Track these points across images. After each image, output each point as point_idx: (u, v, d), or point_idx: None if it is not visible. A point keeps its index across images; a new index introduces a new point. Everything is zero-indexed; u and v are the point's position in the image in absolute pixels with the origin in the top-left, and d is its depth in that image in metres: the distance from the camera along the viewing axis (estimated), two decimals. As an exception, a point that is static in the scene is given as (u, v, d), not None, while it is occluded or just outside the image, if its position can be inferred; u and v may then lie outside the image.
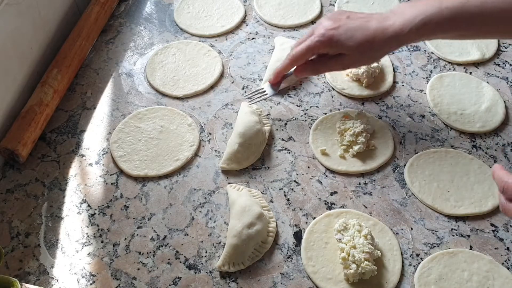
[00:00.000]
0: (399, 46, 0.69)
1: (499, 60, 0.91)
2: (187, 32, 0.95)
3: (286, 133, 0.79)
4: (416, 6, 0.65)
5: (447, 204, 0.70)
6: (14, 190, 0.71)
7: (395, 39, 0.65)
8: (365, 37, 0.65)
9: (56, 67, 0.81)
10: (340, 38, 0.66)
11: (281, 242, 0.67)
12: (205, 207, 0.70)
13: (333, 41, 0.67)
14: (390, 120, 0.81)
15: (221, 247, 0.66)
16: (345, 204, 0.70)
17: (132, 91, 0.85)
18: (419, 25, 0.63)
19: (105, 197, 0.71)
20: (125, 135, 0.77)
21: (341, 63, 0.69)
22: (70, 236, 0.67)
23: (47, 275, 0.63)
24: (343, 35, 0.66)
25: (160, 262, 0.64)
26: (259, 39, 0.94)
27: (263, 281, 0.63)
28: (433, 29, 0.64)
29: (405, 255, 0.65)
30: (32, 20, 0.80)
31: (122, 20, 0.97)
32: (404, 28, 0.64)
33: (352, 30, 0.66)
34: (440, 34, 0.66)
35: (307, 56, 0.71)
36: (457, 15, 0.62)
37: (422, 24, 0.63)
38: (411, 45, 0.93)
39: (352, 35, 0.66)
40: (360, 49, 0.66)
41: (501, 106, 0.82)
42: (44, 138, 0.77)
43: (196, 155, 0.76)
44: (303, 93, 0.85)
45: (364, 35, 0.65)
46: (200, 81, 0.85)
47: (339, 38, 0.66)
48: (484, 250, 0.66)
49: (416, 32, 0.64)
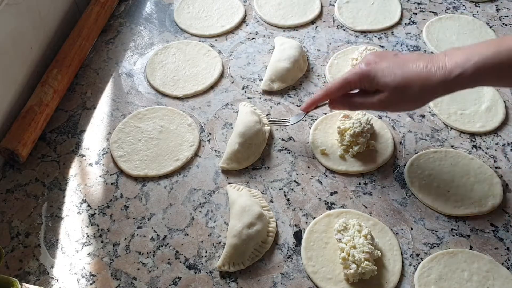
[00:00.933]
0: (447, 93, 0.59)
1: (499, 60, 0.91)
2: (187, 32, 0.95)
3: (286, 133, 0.79)
4: (471, 48, 0.57)
5: (447, 204, 0.70)
6: (14, 190, 0.71)
7: (442, 84, 0.57)
8: (405, 78, 0.58)
9: (56, 67, 0.81)
10: (377, 73, 0.60)
11: (281, 242, 0.67)
12: (205, 207, 0.70)
13: (370, 76, 0.61)
14: (390, 120, 0.81)
15: (221, 247, 0.66)
16: (345, 204, 0.70)
17: (132, 91, 0.85)
18: (472, 69, 0.54)
19: (105, 197, 0.71)
20: (125, 135, 0.77)
21: (378, 102, 0.62)
22: (70, 236, 0.67)
23: (47, 275, 0.63)
24: (382, 71, 0.60)
25: (160, 262, 0.64)
26: (259, 39, 0.94)
27: (263, 281, 0.63)
28: (488, 75, 0.55)
29: (405, 255, 0.65)
30: (32, 20, 0.80)
31: (122, 20, 0.97)
32: (453, 72, 0.56)
33: (394, 68, 0.60)
34: (496, 80, 0.58)
35: (343, 89, 0.65)
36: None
37: (475, 69, 0.54)
38: (410, 45, 0.93)
39: (391, 73, 0.59)
40: (399, 89, 0.59)
41: (501, 106, 0.82)
42: (44, 138, 0.77)
43: (196, 155, 0.76)
44: (303, 93, 0.85)
45: (404, 75, 0.58)
46: (200, 81, 0.85)
47: (377, 73, 0.60)
48: (484, 250, 0.66)
49: (468, 77, 0.55)
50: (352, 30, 0.96)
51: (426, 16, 0.99)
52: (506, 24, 0.97)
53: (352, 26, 0.96)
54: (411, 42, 0.94)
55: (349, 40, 0.94)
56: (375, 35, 0.95)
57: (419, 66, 0.58)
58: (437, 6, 1.01)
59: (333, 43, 0.93)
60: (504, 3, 1.02)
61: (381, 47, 0.92)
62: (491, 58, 0.54)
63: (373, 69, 0.61)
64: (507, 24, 0.97)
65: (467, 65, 0.55)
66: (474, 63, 0.55)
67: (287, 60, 0.84)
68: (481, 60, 0.54)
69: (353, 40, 0.94)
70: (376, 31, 0.96)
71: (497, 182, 0.72)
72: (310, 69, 0.89)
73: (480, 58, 0.54)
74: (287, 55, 0.85)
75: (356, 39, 0.94)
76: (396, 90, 0.59)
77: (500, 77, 0.56)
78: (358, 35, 0.95)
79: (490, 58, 0.54)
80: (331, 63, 0.88)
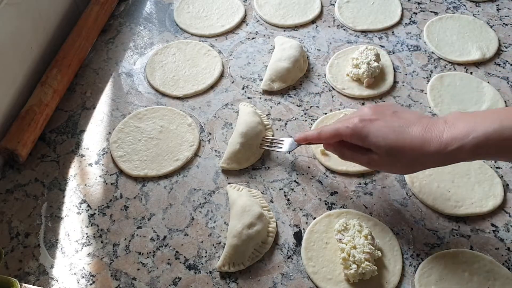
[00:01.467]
0: (440, 165, 0.57)
1: (499, 60, 0.91)
2: (187, 32, 0.94)
3: (286, 133, 0.79)
4: (474, 118, 0.53)
5: (448, 204, 0.70)
6: (13, 190, 0.71)
7: (436, 157, 0.53)
8: (398, 143, 0.55)
9: (56, 67, 0.81)
10: (370, 133, 0.57)
11: (281, 242, 0.67)
12: (205, 207, 0.70)
13: (362, 134, 0.58)
14: (390, 120, 0.81)
15: (221, 247, 0.66)
16: (346, 204, 0.70)
17: (132, 91, 0.85)
18: (471, 145, 0.51)
19: (105, 197, 0.71)
20: (125, 135, 0.77)
21: (368, 160, 0.60)
22: (69, 236, 0.66)
23: (46, 275, 0.63)
24: (376, 131, 0.57)
25: (160, 263, 0.64)
26: (259, 39, 0.94)
27: (263, 282, 0.63)
28: (488, 151, 0.51)
29: (406, 255, 0.65)
30: (32, 20, 0.80)
31: (122, 20, 0.97)
32: (449, 146, 0.52)
33: (388, 129, 0.56)
34: (496, 156, 0.54)
35: (334, 139, 0.63)
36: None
37: (474, 144, 0.51)
38: (411, 45, 0.93)
39: (385, 136, 0.56)
40: (390, 154, 0.56)
41: (502, 106, 0.82)
42: (44, 138, 0.77)
43: (196, 155, 0.76)
44: (303, 93, 0.85)
45: (398, 139, 0.55)
46: (200, 81, 0.85)
47: (369, 133, 0.57)
48: (484, 250, 0.66)
49: (466, 152, 0.51)
50: (353, 30, 0.95)
51: (426, 16, 0.98)
52: (506, 24, 0.97)
53: (352, 26, 0.96)
54: (412, 42, 0.93)
55: (349, 40, 0.94)
56: (375, 34, 0.95)
57: (415, 132, 0.55)
58: (437, 5, 1.01)
59: (333, 43, 0.93)
60: (504, 3, 1.02)
61: (382, 47, 0.92)
62: (494, 134, 0.50)
63: (366, 127, 0.57)
64: (508, 24, 0.97)
65: (466, 139, 0.51)
66: (474, 137, 0.51)
67: (287, 60, 0.84)
68: (482, 136, 0.50)
69: (353, 40, 0.94)
70: (377, 31, 0.96)
71: (498, 182, 0.72)
72: (310, 69, 0.89)
73: (481, 133, 0.50)
74: (287, 55, 0.85)
75: (356, 39, 0.94)
76: (387, 155, 0.56)
77: (500, 153, 0.52)
78: (359, 35, 0.95)
79: (493, 134, 0.50)
80: (331, 63, 0.88)
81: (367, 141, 0.58)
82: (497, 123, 0.50)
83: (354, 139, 0.59)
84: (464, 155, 0.52)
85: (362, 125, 0.58)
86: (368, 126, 0.57)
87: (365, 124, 0.58)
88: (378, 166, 0.61)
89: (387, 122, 0.57)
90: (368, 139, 0.57)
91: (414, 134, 0.55)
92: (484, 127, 0.51)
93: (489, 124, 0.51)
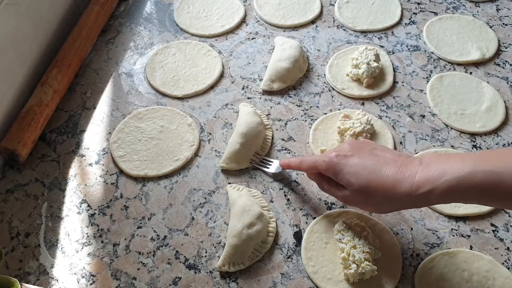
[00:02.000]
0: (413, 207, 0.56)
1: (499, 60, 0.91)
2: (187, 32, 0.95)
3: (286, 133, 0.79)
4: (447, 161, 0.51)
5: (447, 204, 0.70)
6: (14, 190, 0.71)
7: (406, 199, 0.52)
8: (369, 183, 0.54)
9: (56, 67, 0.81)
10: (343, 169, 0.57)
11: (281, 242, 0.67)
12: (205, 207, 0.70)
13: (336, 169, 0.58)
14: (390, 120, 0.81)
15: (221, 247, 0.66)
16: (346, 204, 0.70)
17: (132, 91, 0.85)
18: (442, 188, 0.49)
19: (105, 197, 0.71)
20: (125, 135, 0.77)
21: (342, 197, 0.59)
22: (70, 236, 0.67)
23: (47, 275, 0.63)
24: (349, 168, 0.56)
25: (160, 262, 0.64)
26: (259, 39, 0.94)
27: (263, 281, 0.63)
28: (460, 195, 0.50)
29: (405, 255, 0.65)
30: (32, 20, 0.80)
31: (122, 20, 0.97)
32: (420, 188, 0.51)
33: (361, 167, 0.55)
34: (470, 200, 0.51)
35: (312, 171, 0.63)
36: (494, 182, 0.47)
37: (446, 187, 0.49)
38: (410, 45, 0.93)
39: (357, 172, 0.55)
40: (361, 192, 0.55)
41: (501, 106, 0.82)
42: (44, 138, 0.77)
43: (196, 155, 0.76)
44: (303, 93, 0.85)
45: (369, 180, 0.54)
46: (200, 81, 0.85)
47: (343, 169, 0.57)
48: (484, 250, 0.66)
49: (438, 195, 0.50)
50: (352, 30, 0.96)
51: (426, 16, 0.99)
52: (506, 24, 0.97)
53: (352, 26, 0.96)
54: (411, 42, 0.94)
55: (349, 40, 0.94)
56: (375, 35, 0.95)
57: (387, 172, 0.54)
58: (437, 6, 1.01)
59: (333, 43, 0.93)
60: (504, 3, 1.02)
61: (381, 47, 0.92)
62: (466, 177, 0.48)
63: (341, 163, 0.57)
64: (507, 24, 0.97)
65: (437, 182, 0.50)
66: (445, 180, 0.49)
67: (287, 60, 0.84)
68: (453, 179, 0.49)
69: (353, 40, 0.94)
70: (376, 31, 0.96)
71: (497, 182, 0.72)
72: (310, 69, 0.89)
73: (453, 176, 0.49)
74: (287, 55, 0.85)
75: (356, 39, 0.94)
76: (358, 193, 0.56)
77: (472, 198, 0.50)
78: (358, 35, 0.95)
79: (465, 178, 0.48)
80: (331, 63, 0.88)
81: (339, 177, 0.58)
82: (469, 167, 0.49)
83: (329, 173, 0.59)
84: (436, 198, 0.50)
85: (337, 160, 0.58)
86: (342, 162, 0.57)
87: (339, 159, 0.58)
88: (351, 203, 0.60)
89: (362, 160, 0.56)
90: (340, 175, 0.57)
91: (387, 174, 0.54)
92: (456, 170, 0.49)
93: (461, 167, 0.49)
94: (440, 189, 0.50)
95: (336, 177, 0.58)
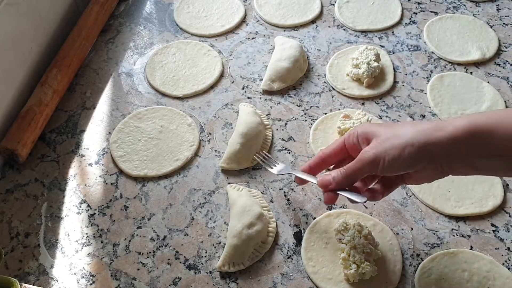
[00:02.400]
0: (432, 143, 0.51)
1: (499, 60, 0.91)
2: (187, 32, 0.94)
3: (286, 133, 0.79)
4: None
5: (448, 204, 0.70)
6: (13, 190, 0.71)
7: (431, 128, 0.52)
8: (394, 125, 0.56)
9: (56, 67, 0.81)
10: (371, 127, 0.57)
11: (281, 242, 0.66)
12: (205, 207, 0.70)
13: (364, 129, 0.57)
14: (390, 120, 0.81)
15: (221, 247, 0.66)
16: (345, 204, 0.70)
17: (132, 91, 0.85)
18: (462, 122, 0.50)
19: (104, 197, 0.71)
20: (124, 135, 0.77)
21: (366, 149, 0.55)
22: (69, 236, 0.66)
23: (46, 275, 0.63)
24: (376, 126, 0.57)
25: (160, 262, 0.64)
26: (259, 39, 0.94)
27: (263, 281, 0.63)
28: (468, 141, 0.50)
29: (406, 255, 0.65)
30: (32, 20, 0.80)
31: (122, 20, 0.97)
32: (443, 122, 0.51)
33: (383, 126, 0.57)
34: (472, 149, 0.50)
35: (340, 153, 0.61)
36: (491, 129, 0.48)
37: (465, 123, 0.50)
38: (411, 45, 0.93)
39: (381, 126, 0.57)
40: (386, 132, 0.55)
41: (502, 106, 0.82)
42: (44, 138, 0.77)
43: (196, 155, 0.76)
44: (303, 93, 0.85)
45: (393, 125, 0.56)
46: (200, 81, 0.85)
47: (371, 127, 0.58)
48: (484, 250, 0.66)
49: (458, 128, 0.50)
50: (353, 29, 0.95)
51: (426, 16, 0.98)
52: (506, 24, 0.97)
53: (352, 25, 0.96)
54: (412, 41, 0.93)
55: (349, 40, 0.94)
56: (375, 34, 0.95)
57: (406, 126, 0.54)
58: (437, 5, 1.01)
59: (333, 42, 0.93)
60: (504, 3, 1.02)
61: (382, 47, 0.92)
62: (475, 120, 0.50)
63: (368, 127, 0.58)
64: (508, 24, 0.97)
65: (456, 120, 0.51)
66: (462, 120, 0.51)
67: (287, 60, 0.84)
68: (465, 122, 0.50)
69: (353, 40, 0.94)
70: (377, 31, 0.96)
71: (498, 182, 0.72)
72: (310, 69, 0.89)
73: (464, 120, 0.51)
74: (287, 55, 0.85)
75: (356, 39, 0.94)
76: (384, 134, 0.55)
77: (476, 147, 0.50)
78: (359, 34, 0.95)
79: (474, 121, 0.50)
80: (331, 63, 0.88)
81: (369, 130, 0.56)
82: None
83: (358, 134, 0.57)
84: (455, 131, 0.50)
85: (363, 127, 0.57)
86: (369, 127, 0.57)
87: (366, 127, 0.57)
88: (374, 155, 0.54)
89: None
90: (369, 128, 0.56)
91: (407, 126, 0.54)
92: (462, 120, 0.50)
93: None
94: (460, 123, 0.50)
95: (366, 134, 0.56)
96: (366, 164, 0.54)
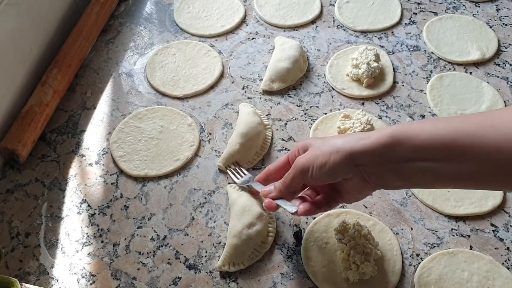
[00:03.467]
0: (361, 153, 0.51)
1: (499, 60, 0.91)
2: (187, 32, 0.95)
3: (286, 133, 0.79)
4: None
5: (447, 204, 0.70)
6: (14, 190, 0.71)
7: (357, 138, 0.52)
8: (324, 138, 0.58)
9: (56, 67, 0.81)
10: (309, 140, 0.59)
11: (281, 242, 0.67)
12: (205, 207, 0.70)
13: (304, 143, 0.59)
14: (390, 120, 0.81)
15: (221, 247, 0.66)
16: (345, 204, 0.70)
17: (132, 91, 0.85)
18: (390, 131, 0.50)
19: (105, 197, 0.71)
20: (125, 135, 0.77)
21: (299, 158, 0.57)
22: (70, 236, 0.67)
23: (47, 275, 0.63)
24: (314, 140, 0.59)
25: (160, 262, 0.64)
26: (259, 39, 0.94)
27: (263, 281, 0.63)
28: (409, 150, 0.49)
29: (405, 255, 0.65)
30: (32, 20, 0.80)
31: (122, 20, 0.97)
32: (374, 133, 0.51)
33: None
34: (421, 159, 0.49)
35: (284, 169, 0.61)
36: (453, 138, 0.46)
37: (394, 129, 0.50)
38: (410, 45, 0.93)
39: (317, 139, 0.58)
40: (313, 140, 0.57)
41: (501, 106, 0.82)
42: (44, 138, 0.77)
43: (196, 155, 0.76)
44: (303, 93, 0.85)
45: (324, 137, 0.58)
46: (200, 81, 0.85)
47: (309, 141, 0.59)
48: (484, 250, 0.66)
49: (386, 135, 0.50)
50: (352, 30, 0.96)
51: (426, 16, 0.99)
52: (506, 24, 0.97)
53: (352, 26, 0.96)
54: (411, 42, 0.94)
55: (349, 40, 0.94)
56: (375, 35, 0.95)
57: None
58: (437, 6, 1.01)
59: (333, 43, 0.93)
60: (504, 3, 1.02)
61: (381, 47, 0.92)
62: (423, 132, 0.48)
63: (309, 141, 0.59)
64: (507, 24, 0.97)
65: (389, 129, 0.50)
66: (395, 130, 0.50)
67: (287, 60, 0.84)
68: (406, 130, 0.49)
69: (353, 40, 0.94)
70: (376, 31, 0.96)
71: (497, 182, 0.72)
72: (310, 69, 0.89)
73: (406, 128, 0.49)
74: (287, 55, 0.85)
75: (356, 39, 0.94)
76: (312, 143, 0.57)
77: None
78: (358, 35, 0.95)
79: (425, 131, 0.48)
80: (331, 63, 0.88)
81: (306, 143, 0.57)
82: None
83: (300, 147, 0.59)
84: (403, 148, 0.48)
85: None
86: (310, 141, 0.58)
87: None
88: (302, 163, 0.56)
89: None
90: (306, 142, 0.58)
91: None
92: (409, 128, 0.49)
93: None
94: (385, 131, 0.49)
95: (305, 145, 0.57)
96: (298, 171, 0.56)
